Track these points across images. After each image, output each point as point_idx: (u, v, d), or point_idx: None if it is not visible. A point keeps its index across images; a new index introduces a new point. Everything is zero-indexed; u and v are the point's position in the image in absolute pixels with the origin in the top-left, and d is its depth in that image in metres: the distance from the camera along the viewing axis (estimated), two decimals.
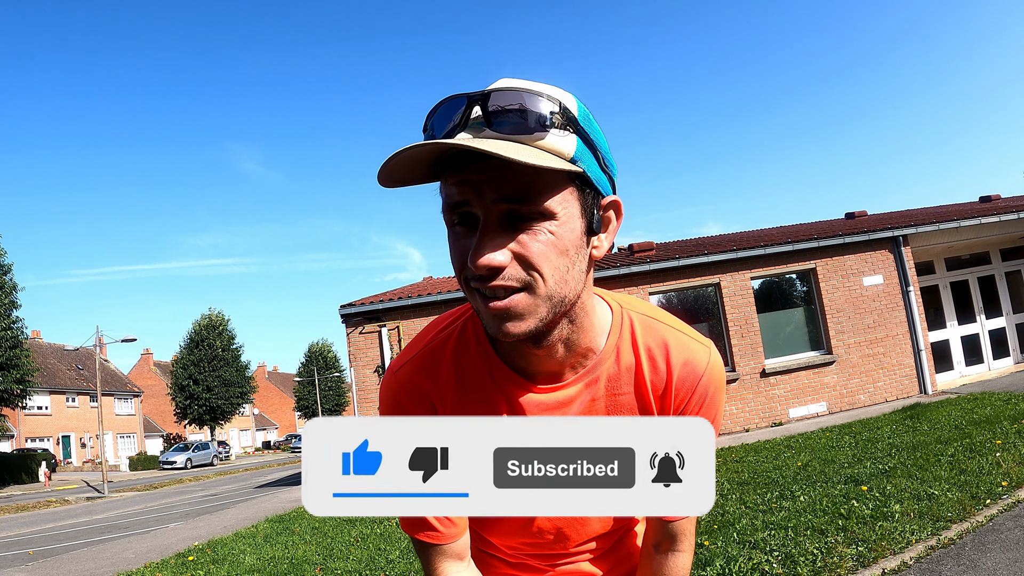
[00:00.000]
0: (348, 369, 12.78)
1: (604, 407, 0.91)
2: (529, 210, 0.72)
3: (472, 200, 0.72)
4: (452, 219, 0.76)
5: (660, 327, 0.92)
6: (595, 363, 0.89)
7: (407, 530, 0.94)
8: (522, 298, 0.73)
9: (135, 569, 6.40)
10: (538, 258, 0.73)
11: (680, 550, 0.98)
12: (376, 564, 5.25)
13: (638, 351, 0.91)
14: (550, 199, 0.73)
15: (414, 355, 0.93)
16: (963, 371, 12.27)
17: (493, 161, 0.70)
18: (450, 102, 0.75)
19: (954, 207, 14.86)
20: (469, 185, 0.72)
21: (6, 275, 25.62)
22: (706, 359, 0.91)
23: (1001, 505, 4.19)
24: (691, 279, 11.52)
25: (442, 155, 0.73)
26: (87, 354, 46.75)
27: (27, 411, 39.82)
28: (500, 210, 0.72)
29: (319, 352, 60.94)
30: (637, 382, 0.91)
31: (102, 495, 21.65)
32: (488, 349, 0.91)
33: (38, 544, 10.08)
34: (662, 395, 0.91)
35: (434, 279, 16.68)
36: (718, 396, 0.93)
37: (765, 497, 5.40)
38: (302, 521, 8.37)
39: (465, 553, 0.96)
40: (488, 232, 0.72)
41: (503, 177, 0.71)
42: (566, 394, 0.89)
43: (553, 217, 0.73)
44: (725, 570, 3.71)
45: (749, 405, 11.20)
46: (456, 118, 0.73)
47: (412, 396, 0.91)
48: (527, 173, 0.71)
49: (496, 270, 0.71)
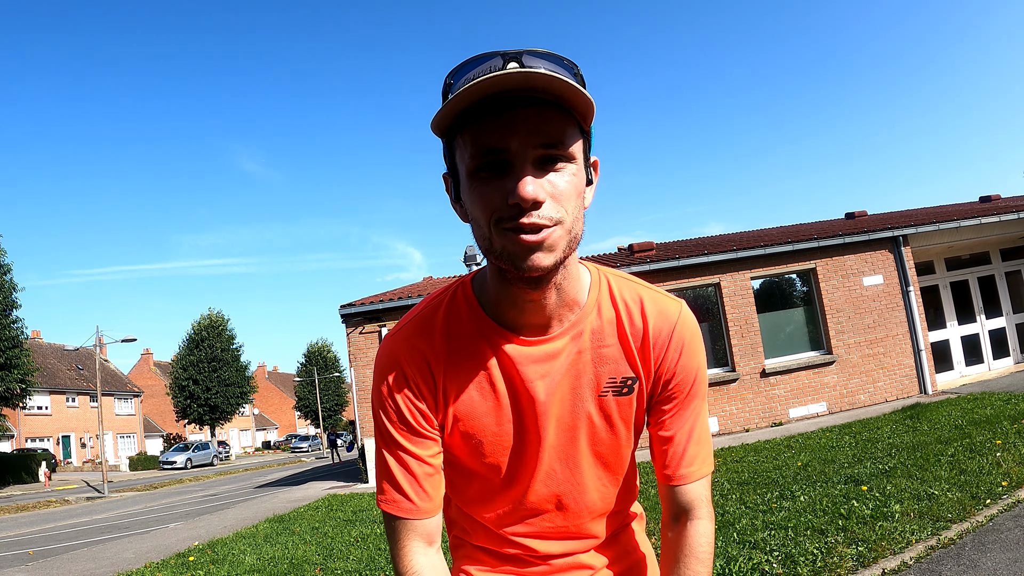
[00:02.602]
0: (348, 369, 12.78)
1: (590, 359, 0.95)
2: (560, 153, 0.81)
3: (511, 144, 0.78)
4: (478, 166, 0.80)
5: (633, 284, 1.00)
6: (579, 316, 0.95)
7: (380, 502, 0.97)
8: (555, 231, 0.81)
9: (135, 569, 6.40)
10: (565, 196, 0.81)
11: (698, 517, 0.99)
12: (376, 564, 5.25)
13: (616, 305, 0.97)
14: (573, 145, 0.82)
15: (409, 321, 0.97)
16: (963, 371, 12.27)
17: (531, 109, 0.78)
18: (481, 57, 0.80)
19: (954, 207, 14.86)
20: (510, 130, 0.78)
21: (6, 275, 25.60)
22: (678, 310, 0.98)
23: (1001, 505, 4.18)
24: (691, 279, 11.52)
25: (476, 102, 0.78)
26: (87, 354, 46.76)
27: (27, 411, 39.80)
28: (538, 153, 0.79)
29: (319, 352, 60.93)
30: (619, 334, 0.96)
31: (102, 495, 21.64)
32: (477, 309, 0.95)
33: (38, 544, 10.07)
34: (641, 346, 0.96)
35: (434, 279, 16.68)
36: (694, 344, 0.98)
37: (765, 497, 5.40)
38: (302, 521, 8.37)
39: (435, 537, 0.97)
40: (527, 171, 0.79)
41: (542, 122, 0.79)
42: (553, 346, 0.93)
43: (573, 161, 0.82)
44: (725, 570, 3.70)
45: (749, 405, 11.20)
46: (492, 69, 0.77)
47: (408, 356, 0.94)
48: (560, 120, 0.80)
49: (538, 204, 0.78)
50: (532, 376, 0.93)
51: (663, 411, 0.99)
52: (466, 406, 0.94)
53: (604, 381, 0.95)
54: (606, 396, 0.96)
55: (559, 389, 0.94)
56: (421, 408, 0.94)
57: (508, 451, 0.97)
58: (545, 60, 0.79)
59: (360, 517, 8.01)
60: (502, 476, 0.99)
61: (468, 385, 0.94)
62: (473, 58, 0.80)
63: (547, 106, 0.79)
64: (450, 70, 0.82)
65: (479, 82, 0.74)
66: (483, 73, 0.77)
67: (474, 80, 0.75)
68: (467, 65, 0.80)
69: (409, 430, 0.94)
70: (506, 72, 0.74)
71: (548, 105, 0.79)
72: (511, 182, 0.78)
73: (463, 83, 0.78)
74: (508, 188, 0.78)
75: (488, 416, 0.95)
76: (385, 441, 0.96)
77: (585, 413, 0.96)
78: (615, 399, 0.96)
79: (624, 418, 0.98)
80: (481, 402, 0.94)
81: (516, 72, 0.74)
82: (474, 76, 0.78)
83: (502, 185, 0.79)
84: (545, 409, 0.94)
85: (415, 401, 0.94)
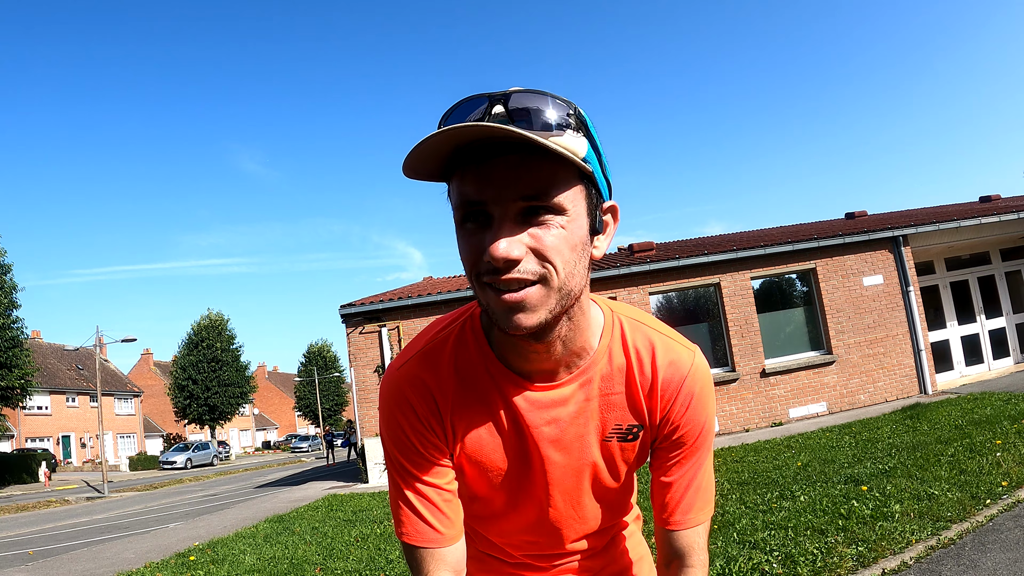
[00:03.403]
0: (348, 369, 12.78)
1: (598, 407, 0.93)
2: (544, 205, 0.74)
3: (489, 197, 0.73)
4: (463, 216, 0.76)
5: (647, 330, 0.95)
6: (589, 363, 0.91)
7: (401, 535, 0.93)
8: (536, 290, 0.75)
9: (135, 569, 6.40)
10: (552, 251, 0.75)
11: (691, 565, 0.97)
12: (376, 564, 5.25)
13: (628, 352, 0.93)
14: (563, 195, 0.75)
15: (416, 352, 0.94)
16: (963, 371, 12.27)
17: (512, 157, 0.72)
18: (470, 101, 0.76)
19: (954, 207, 14.86)
20: (487, 181, 0.73)
21: (6, 275, 25.60)
22: (690, 361, 0.94)
23: (1001, 505, 4.18)
24: (691, 279, 11.52)
25: (461, 148, 0.74)
26: (87, 354, 46.75)
27: (27, 411, 39.81)
28: (518, 206, 0.74)
29: (319, 352, 60.93)
30: (628, 382, 0.93)
31: (102, 495, 21.63)
32: (486, 348, 0.92)
33: (38, 544, 10.07)
34: (649, 395, 0.93)
35: (434, 279, 16.67)
36: (704, 396, 0.94)
37: (765, 497, 5.39)
38: (302, 521, 8.37)
39: (461, 567, 0.94)
40: (505, 226, 0.74)
41: (522, 173, 0.73)
42: (560, 393, 0.91)
43: (564, 213, 0.75)
44: (725, 570, 3.70)
45: (749, 405, 11.20)
46: (477, 114, 0.75)
47: (415, 388, 0.91)
48: (545, 169, 0.73)
49: (512, 263, 0.73)
50: (538, 422, 0.91)
51: (666, 457, 0.96)
52: (473, 444, 0.93)
53: (610, 427, 0.94)
54: (611, 441, 0.94)
55: (565, 435, 0.93)
56: (431, 439, 0.92)
57: (511, 490, 0.97)
58: (533, 99, 0.74)
59: (360, 517, 8.00)
60: (504, 508, 1.00)
61: (475, 424, 0.92)
62: (463, 101, 0.77)
63: (532, 153, 0.72)
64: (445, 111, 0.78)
65: (458, 129, 0.70)
66: (463, 119, 0.74)
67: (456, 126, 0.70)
68: (456, 109, 0.77)
69: (421, 459, 0.91)
70: (467, 125, 0.69)
71: (534, 152, 0.72)
72: (488, 237, 0.74)
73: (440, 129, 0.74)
74: (484, 243, 0.74)
75: (494, 454, 0.94)
76: (398, 472, 0.93)
77: (590, 459, 0.95)
78: (619, 444, 0.95)
79: (627, 460, 0.97)
80: (488, 440, 0.93)
81: (475, 126, 0.69)
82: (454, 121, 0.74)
83: (483, 239, 0.74)
84: (550, 454, 0.93)
85: (424, 433, 0.91)
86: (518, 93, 0.75)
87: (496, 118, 0.74)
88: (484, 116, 0.74)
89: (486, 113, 0.74)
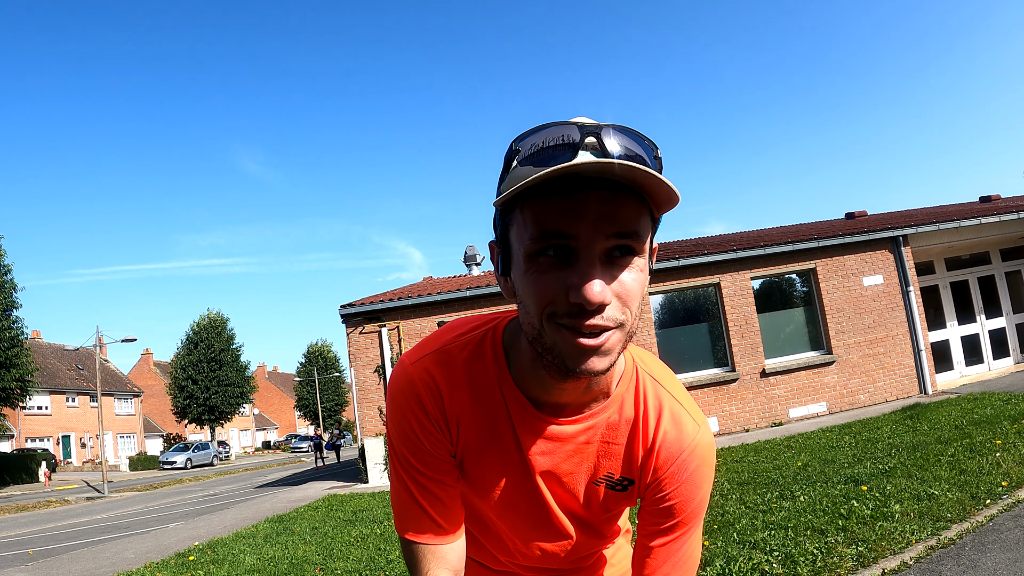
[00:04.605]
0: (348, 369, 12.78)
1: (596, 451, 0.91)
2: (632, 245, 0.71)
3: (580, 230, 0.69)
4: (537, 250, 0.72)
5: (662, 391, 0.93)
6: (600, 409, 0.90)
7: (401, 530, 0.93)
8: (614, 336, 0.73)
9: (135, 569, 6.40)
10: (632, 296, 0.73)
11: None
12: (376, 564, 5.25)
13: (638, 406, 0.91)
14: (647, 238, 0.73)
15: (431, 351, 0.92)
16: (963, 371, 12.27)
17: (605, 192, 0.69)
18: (556, 126, 0.71)
19: (954, 207, 14.85)
20: (580, 215, 0.69)
21: (6, 275, 25.59)
22: (694, 435, 0.91)
23: (1001, 505, 4.18)
24: (691, 279, 11.52)
25: (547, 180, 0.69)
26: (87, 354, 46.75)
27: (27, 411, 39.80)
28: (609, 244, 0.70)
29: (319, 352, 60.94)
30: (631, 436, 0.91)
31: (102, 495, 21.64)
32: (503, 367, 0.90)
33: (38, 544, 10.07)
34: (645, 456, 0.91)
35: (434, 279, 16.67)
36: (700, 474, 0.92)
37: (765, 497, 5.39)
38: (302, 521, 8.37)
39: (460, 568, 0.93)
40: (595, 265, 0.70)
41: (615, 210, 0.69)
42: (564, 430, 0.89)
43: (643, 255, 0.74)
44: (725, 570, 3.71)
45: (749, 405, 11.20)
46: (566, 140, 0.70)
47: (427, 385, 0.89)
48: (635, 208, 0.70)
49: (601, 308, 0.70)
50: (535, 451, 0.90)
51: (652, 521, 0.93)
52: (471, 453, 0.92)
53: (602, 473, 0.93)
54: (599, 485, 0.93)
55: (558, 468, 0.92)
56: (438, 437, 0.90)
57: (501, 506, 0.96)
58: (626, 137, 0.71)
59: (360, 517, 8.00)
60: (490, 519, 1.00)
61: (477, 435, 0.91)
62: (546, 125, 0.71)
63: (623, 191, 0.69)
64: (517, 135, 0.74)
65: (586, 164, 0.66)
66: (555, 143, 0.69)
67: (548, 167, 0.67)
68: (538, 133, 0.71)
69: (427, 455, 0.90)
70: (596, 161, 0.66)
71: (624, 190, 0.69)
72: (575, 276, 0.69)
73: (532, 158, 0.70)
74: (570, 282, 0.69)
75: (489, 467, 0.93)
76: (403, 467, 0.92)
77: (578, 495, 0.94)
78: (607, 490, 0.94)
79: (608, 508, 0.97)
80: (488, 453, 0.92)
81: (601, 163, 0.66)
82: (547, 149, 0.70)
83: (563, 276, 0.70)
84: (541, 481, 0.93)
85: (432, 430, 0.90)
86: (614, 129, 0.71)
87: (591, 149, 0.69)
88: (578, 147, 0.69)
89: (580, 143, 0.69)
